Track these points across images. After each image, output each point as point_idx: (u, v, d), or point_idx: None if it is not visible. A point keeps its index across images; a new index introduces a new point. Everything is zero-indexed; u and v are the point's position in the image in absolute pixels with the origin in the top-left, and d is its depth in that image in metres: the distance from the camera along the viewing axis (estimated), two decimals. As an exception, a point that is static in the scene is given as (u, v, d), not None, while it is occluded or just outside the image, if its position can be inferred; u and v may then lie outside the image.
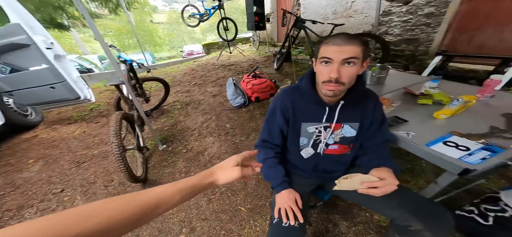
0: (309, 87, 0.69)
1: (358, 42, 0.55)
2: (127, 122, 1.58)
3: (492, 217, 0.80)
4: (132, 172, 1.29)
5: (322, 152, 0.76)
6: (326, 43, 0.58)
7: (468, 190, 1.07)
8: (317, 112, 0.71)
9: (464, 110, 0.81)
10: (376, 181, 0.55)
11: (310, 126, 0.73)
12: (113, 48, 1.95)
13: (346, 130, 0.72)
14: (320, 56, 0.59)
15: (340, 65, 0.56)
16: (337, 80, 0.57)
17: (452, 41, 2.32)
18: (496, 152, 0.61)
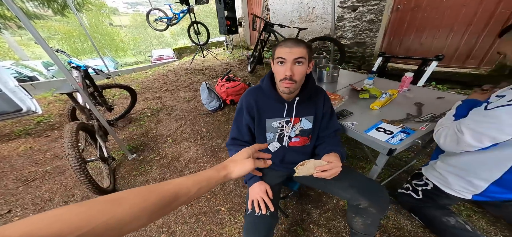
0: (269, 86, 0.80)
1: (303, 45, 0.69)
2: (85, 133, 1.48)
3: (421, 191, 0.94)
4: (97, 184, 1.23)
5: (287, 145, 0.87)
6: (280, 46, 0.70)
7: (406, 170, 1.31)
8: (278, 108, 0.81)
9: (390, 102, 1.04)
10: (326, 165, 0.66)
11: (274, 121, 0.83)
12: (61, 53, 1.77)
13: (303, 123, 0.84)
14: (276, 56, 0.71)
15: (292, 64, 0.67)
16: (291, 78, 0.68)
17: (388, 44, 2.80)
18: (409, 134, 0.80)
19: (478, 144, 0.63)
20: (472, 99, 0.78)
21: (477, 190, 0.74)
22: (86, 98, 1.47)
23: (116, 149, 1.96)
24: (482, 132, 0.61)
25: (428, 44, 2.41)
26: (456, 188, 0.79)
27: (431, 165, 0.88)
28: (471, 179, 0.74)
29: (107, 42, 13.29)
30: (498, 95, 0.63)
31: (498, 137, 0.59)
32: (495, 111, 0.60)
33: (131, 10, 29.97)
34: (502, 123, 0.57)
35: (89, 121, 1.61)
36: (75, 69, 1.69)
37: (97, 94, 1.99)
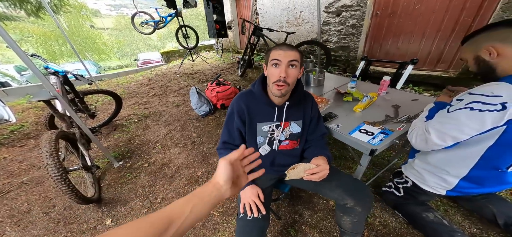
0: (261, 90, 0.82)
1: (296, 50, 0.73)
2: (66, 141, 1.43)
3: (402, 188, 1.00)
4: (80, 193, 1.19)
5: (277, 148, 0.90)
6: (274, 49, 0.74)
7: (389, 169, 1.40)
8: (269, 112, 0.83)
9: (371, 104, 1.12)
10: (315, 168, 0.67)
11: (265, 125, 0.85)
12: (36, 58, 1.68)
13: (293, 127, 0.88)
14: (271, 58, 0.73)
15: (286, 67, 0.70)
16: (285, 80, 0.71)
17: (370, 48, 2.98)
18: (388, 134, 0.87)
19: (442, 143, 0.70)
20: (441, 101, 0.86)
21: (449, 186, 0.81)
22: (66, 105, 1.41)
23: (101, 157, 1.89)
24: (445, 132, 0.68)
25: (404, 48, 2.60)
26: (432, 184, 0.86)
27: (410, 164, 0.96)
28: (443, 176, 0.81)
29: (88, 45, 12.64)
30: (458, 99, 0.69)
31: (459, 136, 0.66)
32: (455, 114, 0.66)
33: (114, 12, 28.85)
34: (461, 124, 0.64)
35: (70, 129, 1.54)
36: (53, 75, 1.61)
37: (78, 101, 1.91)
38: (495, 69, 0.67)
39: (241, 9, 5.92)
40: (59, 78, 1.63)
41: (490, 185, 0.77)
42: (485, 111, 0.60)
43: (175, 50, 7.49)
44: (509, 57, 0.63)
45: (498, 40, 0.64)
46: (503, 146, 0.65)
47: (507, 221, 0.88)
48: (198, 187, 0.43)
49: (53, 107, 1.51)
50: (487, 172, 0.74)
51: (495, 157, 0.69)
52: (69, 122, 1.57)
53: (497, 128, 0.62)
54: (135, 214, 1.34)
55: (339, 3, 3.02)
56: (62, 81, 1.66)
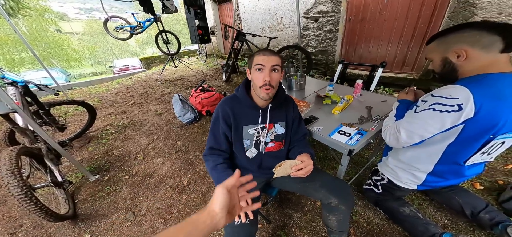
0: (245, 94, 0.85)
1: (278, 55, 0.79)
2: (30, 158, 1.34)
3: (380, 185, 1.05)
4: (51, 211, 1.12)
5: (264, 150, 0.92)
6: (258, 54, 0.78)
7: (368, 167, 1.50)
8: (253, 115, 0.87)
9: (348, 106, 1.21)
10: (300, 164, 0.71)
11: (250, 128, 0.88)
12: None
13: (277, 129, 0.92)
14: (254, 63, 0.78)
15: (270, 71, 0.75)
16: (270, 83, 0.76)
17: (346, 52, 3.22)
18: (363, 134, 0.95)
19: (410, 141, 0.78)
20: (404, 99, 0.96)
21: (419, 181, 0.90)
22: (28, 119, 1.29)
23: (74, 171, 1.77)
24: (413, 131, 0.76)
25: (375, 52, 2.86)
26: (404, 180, 0.94)
27: (384, 162, 1.05)
28: (413, 172, 0.90)
29: (55, 51, 11.46)
30: (423, 100, 0.75)
31: (424, 134, 0.74)
32: (420, 114, 0.73)
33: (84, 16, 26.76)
34: (426, 123, 0.72)
35: (34, 144, 1.43)
36: (11, 86, 1.47)
37: (43, 113, 1.77)
38: (457, 70, 0.70)
39: (224, 14, 5.93)
40: (19, 88, 1.50)
41: (452, 178, 0.86)
42: (445, 111, 0.66)
43: (156, 56, 7.19)
44: (474, 60, 0.66)
45: (467, 43, 0.66)
46: (460, 143, 0.72)
47: (473, 211, 0.97)
48: (192, 214, 0.43)
49: (13, 121, 1.38)
50: (448, 166, 0.81)
51: (454, 153, 0.76)
52: (32, 136, 1.46)
53: (456, 127, 0.68)
54: (117, 228, 1.27)
55: (316, 9, 3.21)
56: (22, 92, 1.53)
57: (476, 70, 0.67)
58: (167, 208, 1.37)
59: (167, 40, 4.44)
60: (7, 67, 10.19)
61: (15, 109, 1.19)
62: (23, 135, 1.43)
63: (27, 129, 1.44)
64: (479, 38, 0.64)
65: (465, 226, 1.06)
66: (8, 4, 4.41)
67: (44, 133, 1.35)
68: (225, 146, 0.89)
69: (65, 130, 2.25)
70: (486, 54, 0.64)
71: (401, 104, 0.94)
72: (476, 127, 0.66)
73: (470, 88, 0.63)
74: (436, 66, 0.78)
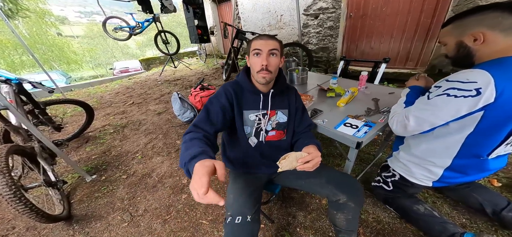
0: (246, 79, 0.83)
1: (276, 39, 0.76)
2: (22, 157, 1.30)
3: (390, 182, 0.98)
4: (44, 212, 1.09)
5: (264, 139, 0.87)
6: (256, 39, 0.77)
7: (376, 163, 1.44)
8: (254, 99, 0.84)
9: (353, 98, 1.17)
10: (307, 156, 0.65)
11: (251, 113, 0.83)
12: None
13: (279, 116, 0.87)
14: (252, 48, 0.76)
15: (267, 55, 0.73)
16: (267, 68, 0.74)
17: (347, 48, 3.17)
18: (371, 126, 0.90)
19: (419, 128, 0.73)
20: (415, 85, 0.90)
21: (435, 177, 0.83)
22: (21, 117, 1.26)
23: (70, 171, 1.73)
24: (423, 118, 0.71)
25: (377, 48, 2.81)
26: (418, 176, 0.87)
27: (395, 156, 0.98)
28: (429, 167, 0.83)
29: (55, 54, 11.50)
30: (436, 86, 0.70)
31: (435, 122, 0.69)
32: (433, 100, 0.68)
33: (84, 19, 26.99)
34: (438, 109, 0.66)
35: (27, 143, 1.39)
36: (4, 83, 1.44)
37: (38, 112, 1.73)
38: (474, 55, 0.65)
39: (223, 13, 5.92)
40: (12, 86, 1.46)
41: (473, 173, 0.78)
42: (461, 97, 0.61)
43: (155, 57, 7.18)
44: (492, 44, 0.61)
45: (486, 26, 0.61)
46: (481, 133, 0.65)
47: (494, 210, 0.89)
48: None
49: (5, 119, 1.35)
50: (469, 160, 0.74)
51: (475, 144, 0.69)
52: (26, 135, 1.42)
53: (472, 114, 0.62)
54: (113, 229, 1.22)
55: (316, 6, 3.17)
56: (16, 90, 1.49)
57: (493, 54, 0.62)
58: (165, 208, 1.33)
59: (166, 40, 4.42)
60: (8, 70, 10.25)
61: (6, 106, 1.15)
62: (16, 134, 1.40)
63: (20, 128, 1.40)
64: (501, 20, 0.59)
65: (486, 225, 0.99)
66: (8, 6, 4.40)
67: (37, 131, 1.31)
68: (216, 124, 0.75)
69: (62, 130, 2.22)
70: (505, 37, 0.59)
71: (411, 90, 0.89)
72: (498, 114, 0.60)
73: (491, 71, 0.58)
74: (450, 50, 0.73)
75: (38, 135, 1.31)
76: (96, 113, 2.91)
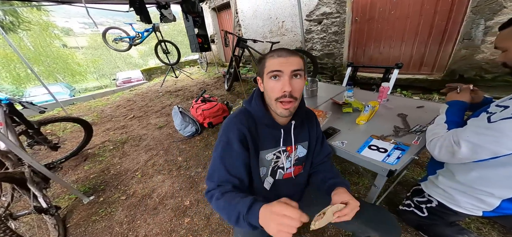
0: (262, 109, 0.65)
1: (299, 55, 0.59)
2: (11, 183, 1.23)
3: (425, 208, 0.89)
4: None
5: (282, 177, 0.75)
6: (271, 57, 0.58)
7: (399, 182, 1.29)
8: (274, 136, 0.67)
9: (374, 114, 1.03)
10: (344, 208, 0.54)
11: (269, 153, 0.68)
12: None
13: (299, 151, 0.73)
14: (268, 70, 0.58)
15: (290, 78, 0.56)
16: (291, 95, 0.56)
17: (354, 54, 3.05)
18: (404, 150, 0.76)
19: (473, 157, 0.60)
20: (459, 101, 0.77)
21: (489, 207, 0.70)
22: (8, 141, 1.18)
23: (66, 193, 1.65)
24: (483, 146, 0.57)
25: (387, 53, 2.68)
26: (464, 205, 0.74)
27: (431, 181, 0.85)
28: (481, 197, 0.69)
29: (60, 66, 11.69)
30: (499, 105, 0.59)
31: (499, 151, 0.56)
32: (499, 124, 0.55)
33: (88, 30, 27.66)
34: (505, 136, 0.54)
35: (18, 168, 1.31)
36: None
37: (32, 132, 1.67)
38: None
39: (223, 22, 5.91)
40: (3, 107, 1.40)
41: None
42: None
43: (157, 67, 7.18)
44: None
45: None
46: None
47: None
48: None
49: None
50: None
51: None
52: (16, 160, 1.34)
53: None
54: None
55: (319, 11, 3.09)
56: (7, 111, 1.42)
57: None
58: (167, 233, 1.23)
59: (166, 50, 4.38)
60: (14, 84, 10.40)
61: None
62: (4, 159, 1.31)
63: (10, 152, 1.31)
64: None
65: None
66: (8, 18, 4.43)
67: (27, 155, 1.23)
68: (245, 176, 0.63)
69: (61, 148, 2.15)
70: None
71: (452, 107, 0.75)
72: None
73: None
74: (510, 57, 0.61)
75: (27, 160, 1.23)
76: (96, 128, 2.83)
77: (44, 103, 4.32)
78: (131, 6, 2.96)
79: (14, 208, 1.23)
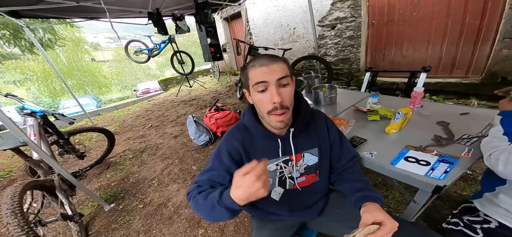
0: (253, 121, 0.63)
1: (281, 60, 0.55)
2: (42, 191, 1.30)
3: (480, 229, 0.76)
4: None
5: (293, 187, 0.69)
6: (253, 67, 0.55)
7: (439, 196, 1.13)
8: (271, 147, 0.64)
9: (406, 122, 0.93)
10: (379, 230, 0.46)
11: (270, 164, 0.65)
12: (11, 98, 1.56)
13: (308, 159, 0.67)
14: (252, 83, 0.55)
15: (277, 87, 0.53)
16: (282, 105, 0.53)
17: (372, 59, 2.89)
18: (453, 164, 0.65)
19: None
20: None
21: None
22: (40, 151, 1.26)
23: (90, 200, 1.73)
24: None
25: (410, 56, 2.50)
26: None
27: (489, 199, 0.72)
28: None
29: (88, 79, 12.88)
30: None
31: None
32: None
33: (113, 45, 30.25)
34: None
35: (48, 176, 1.40)
36: (29, 116, 1.47)
37: (62, 142, 1.78)
38: None
39: (234, 30, 6.08)
40: (37, 119, 1.50)
41: None
42: None
43: (172, 78, 7.54)
44: None
45: None
46: None
47: None
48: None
49: (25, 155, 1.36)
50: None
51: None
52: (47, 168, 1.43)
53: None
54: None
55: (332, 16, 3.02)
56: (41, 122, 1.53)
57: None
58: None
59: (181, 60, 4.58)
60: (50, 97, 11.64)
61: (26, 142, 1.14)
62: (36, 167, 1.41)
63: (42, 161, 1.41)
64: None
65: None
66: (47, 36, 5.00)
67: (57, 164, 1.30)
68: (226, 183, 0.62)
69: (87, 157, 2.29)
70: None
71: (507, 117, 0.64)
72: None
73: None
74: None
75: (57, 168, 1.31)
76: (118, 137, 2.99)
77: (74, 114, 4.72)
78: (150, 19, 3.16)
79: (42, 216, 1.29)
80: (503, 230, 0.67)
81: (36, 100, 11.70)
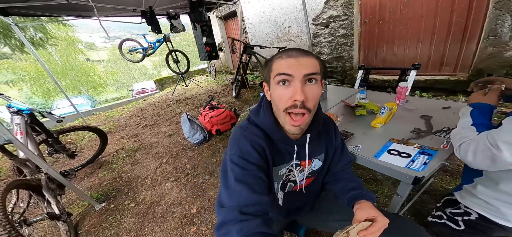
0: (273, 122, 0.55)
1: (313, 56, 0.48)
2: (28, 190, 1.27)
3: (462, 221, 0.78)
4: None
5: (292, 189, 0.69)
6: (279, 58, 0.47)
7: (426, 191, 1.17)
8: (286, 151, 0.58)
9: (391, 117, 0.95)
10: (370, 227, 0.47)
11: (282, 168, 0.61)
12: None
13: (315, 164, 0.65)
14: (274, 73, 0.47)
15: (302, 84, 0.45)
16: (304, 105, 0.46)
17: (365, 57, 2.94)
18: (432, 155, 0.68)
19: None
20: (484, 103, 0.68)
21: None
22: (25, 149, 1.23)
23: (80, 200, 1.71)
24: None
25: (401, 54, 2.55)
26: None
27: (468, 191, 0.74)
28: None
29: (83, 79, 12.65)
30: None
31: None
32: None
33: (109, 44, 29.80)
34: None
35: (35, 175, 1.38)
36: (16, 114, 1.45)
37: (51, 141, 1.74)
38: None
39: (230, 29, 6.07)
40: (24, 117, 1.47)
41: None
42: None
43: (168, 77, 7.48)
44: None
45: None
46: None
47: None
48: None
49: (10, 154, 1.33)
50: None
51: None
52: (34, 167, 1.40)
53: None
54: None
55: (325, 14, 3.05)
56: (28, 121, 1.50)
57: None
58: None
59: (176, 59, 4.54)
60: (43, 97, 11.39)
61: (10, 140, 1.12)
62: (23, 167, 1.38)
63: (28, 160, 1.38)
64: None
65: None
66: (38, 35, 4.89)
67: (44, 163, 1.29)
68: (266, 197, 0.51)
69: (78, 156, 2.25)
70: None
71: (476, 109, 0.66)
72: None
73: None
74: None
75: (44, 167, 1.29)
76: (111, 137, 2.95)
77: (67, 114, 4.63)
78: (143, 17, 3.13)
79: (29, 215, 1.27)
80: (482, 221, 0.69)
81: (29, 101, 11.45)
